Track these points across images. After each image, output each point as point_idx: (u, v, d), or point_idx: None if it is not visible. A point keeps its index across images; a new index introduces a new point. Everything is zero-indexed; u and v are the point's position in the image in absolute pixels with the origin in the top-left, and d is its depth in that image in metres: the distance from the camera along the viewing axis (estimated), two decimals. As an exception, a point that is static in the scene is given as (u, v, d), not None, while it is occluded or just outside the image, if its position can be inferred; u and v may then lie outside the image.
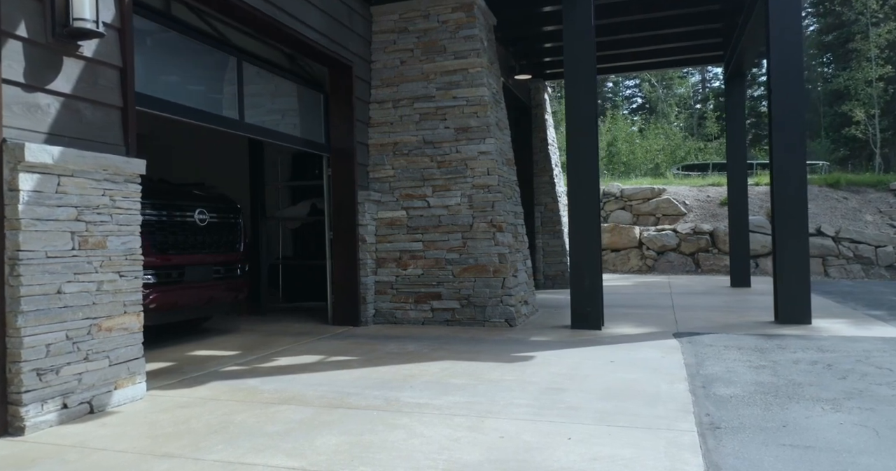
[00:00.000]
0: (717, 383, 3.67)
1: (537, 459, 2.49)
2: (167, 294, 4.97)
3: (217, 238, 5.60)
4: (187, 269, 5.19)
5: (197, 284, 5.29)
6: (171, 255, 5.06)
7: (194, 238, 5.33)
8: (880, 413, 3.00)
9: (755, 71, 42.37)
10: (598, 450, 2.57)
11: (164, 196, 5.25)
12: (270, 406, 3.32)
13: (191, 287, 5.23)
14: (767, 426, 2.85)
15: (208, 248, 5.48)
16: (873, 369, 3.92)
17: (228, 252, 5.71)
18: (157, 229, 4.97)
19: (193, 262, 5.26)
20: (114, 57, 3.53)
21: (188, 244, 5.26)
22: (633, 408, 3.17)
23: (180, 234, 5.19)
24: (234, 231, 5.84)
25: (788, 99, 5.77)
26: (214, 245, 5.56)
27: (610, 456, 2.50)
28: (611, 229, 13.88)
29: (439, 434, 2.81)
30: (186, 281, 5.18)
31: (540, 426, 2.90)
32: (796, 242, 5.76)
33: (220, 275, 5.57)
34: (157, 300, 4.85)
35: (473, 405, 3.27)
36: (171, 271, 5.06)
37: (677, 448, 2.58)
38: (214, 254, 5.52)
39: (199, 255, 5.35)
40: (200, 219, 5.40)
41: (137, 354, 3.50)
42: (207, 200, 5.69)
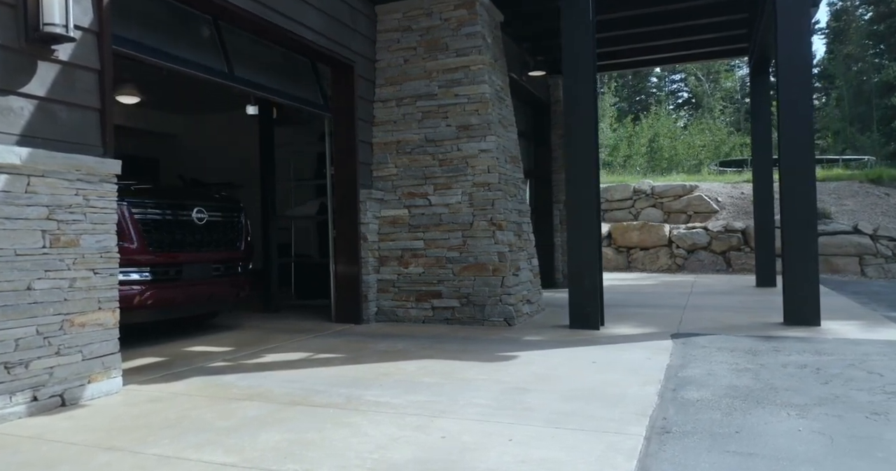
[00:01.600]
0: (691, 386, 3.57)
1: (466, 459, 2.47)
2: (164, 291, 5.09)
3: (216, 236, 5.69)
4: (185, 266, 5.29)
5: (195, 281, 5.39)
6: (167, 253, 5.15)
7: (192, 237, 5.42)
8: (845, 420, 2.87)
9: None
10: (532, 452, 2.54)
11: (161, 196, 5.37)
12: (234, 402, 3.38)
13: (188, 284, 5.33)
14: (719, 432, 2.76)
15: (207, 246, 5.56)
16: (863, 374, 3.75)
17: (228, 250, 5.81)
18: (153, 228, 5.08)
19: (191, 260, 5.35)
20: (91, 60, 3.64)
21: (185, 242, 5.35)
22: (591, 410, 3.11)
23: (177, 232, 5.29)
24: (234, 230, 5.94)
25: (796, 91, 5.56)
26: (213, 243, 5.64)
27: (542, 459, 2.47)
28: (640, 227, 13.63)
29: (383, 433, 2.81)
30: (184, 278, 5.28)
31: (487, 427, 2.87)
32: (804, 241, 5.55)
33: (219, 272, 5.67)
34: (153, 297, 4.98)
35: (432, 404, 3.27)
36: (168, 269, 5.17)
37: (614, 452, 2.52)
38: (213, 252, 5.61)
39: (197, 253, 5.44)
40: (198, 218, 5.50)
41: (113, 349, 3.61)
42: (207, 199, 5.79)
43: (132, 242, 4.89)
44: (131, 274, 4.83)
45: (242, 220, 6.09)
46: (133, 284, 4.84)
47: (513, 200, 6.51)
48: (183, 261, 5.29)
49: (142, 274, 4.93)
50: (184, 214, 5.38)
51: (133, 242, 4.89)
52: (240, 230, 6.02)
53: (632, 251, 13.67)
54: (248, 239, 6.16)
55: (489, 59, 6.42)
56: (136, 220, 4.94)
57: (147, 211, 5.05)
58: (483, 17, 6.46)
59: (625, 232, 13.72)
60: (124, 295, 4.73)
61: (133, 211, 4.94)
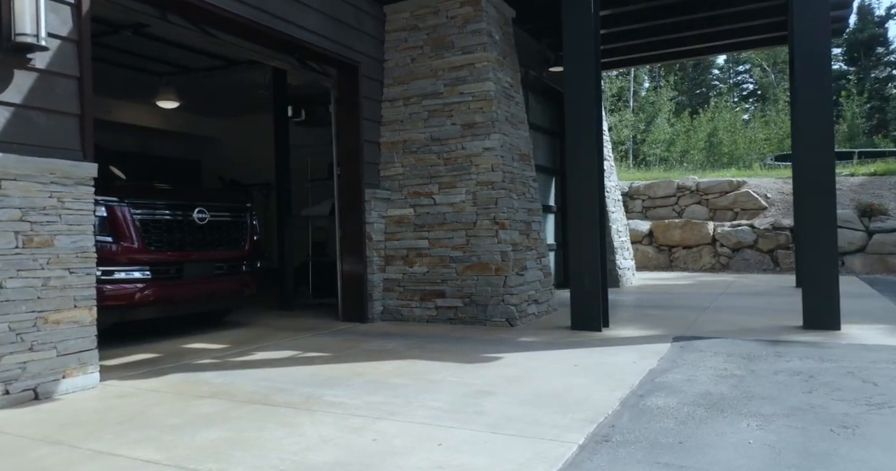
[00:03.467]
0: (662, 392, 3.42)
1: (384, 464, 2.43)
2: (164, 289, 5.23)
3: (218, 236, 5.80)
4: (186, 265, 5.43)
5: (196, 279, 5.53)
6: (167, 252, 5.30)
7: (193, 236, 5.56)
8: (807, 433, 2.68)
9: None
10: (455, 458, 2.48)
11: (162, 197, 5.51)
12: (197, 400, 3.44)
13: (190, 283, 5.46)
14: (662, 442, 2.62)
15: (209, 245, 5.69)
16: (856, 383, 3.50)
17: (232, 249, 5.93)
18: (152, 228, 5.24)
19: (192, 258, 5.49)
20: (70, 67, 3.77)
21: (186, 242, 5.48)
22: (541, 415, 3.02)
23: (178, 232, 5.43)
24: (238, 229, 6.05)
25: (814, 86, 5.25)
26: (216, 242, 5.76)
27: (460, 465, 2.40)
28: (682, 225, 13.20)
29: (318, 434, 2.80)
30: (185, 277, 5.42)
31: (425, 431, 2.83)
32: (823, 241, 5.23)
33: (222, 271, 5.79)
34: (154, 295, 5.13)
35: (385, 406, 3.24)
36: (169, 268, 5.31)
37: (539, 460, 2.43)
38: (216, 251, 5.74)
39: (199, 252, 5.56)
40: (199, 218, 5.61)
41: (90, 345, 3.73)
42: (210, 199, 5.91)
43: (132, 241, 5.05)
44: (131, 272, 5.01)
45: (248, 219, 6.19)
46: (133, 283, 5.03)
47: (520, 199, 6.40)
48: (184, 260, 5.42)
49: (142, 272, 5.08)
50: (184, 214, 5.52)
51: (133, 242, 5.05)
52: (244, 229, 6.12)
53: (674, 250, 13.26)
54: (255, 238, 6.26)
55: (495, 56, 6.33)
56: (136, 220, 5.10)
57: (147, 212, 5.21)
58: (489, 13, 6.38)
59: (666, 230, 13.31)
60: (125, 293, 4.97)
61: (133, 212, 5.11)
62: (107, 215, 4.93)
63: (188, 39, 6.36)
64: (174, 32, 6.08)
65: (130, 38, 6.67)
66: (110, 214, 4.96)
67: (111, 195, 5.02)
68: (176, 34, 6.22)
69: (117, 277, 4.93)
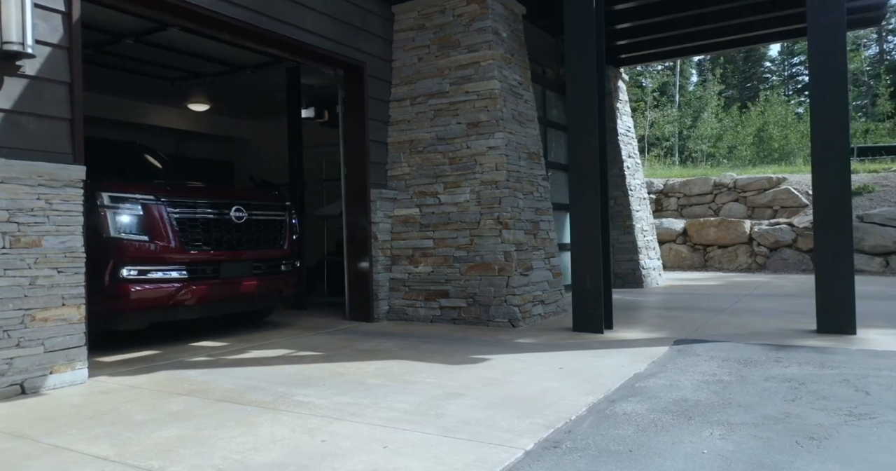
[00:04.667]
0: (636, 397, 3.32)
1: (322, 464, 2.42)
2: (200, 289, 5.13)
3: (257, 235, 5.66)
4: (223, 265, 5.31)
5: (234, 279, 5.41)
6: (204, 251, 5.18)
7: (230, 235, 5.43)
8: (768, 444, 2.56)
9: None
10: (394, 461, 2.45)
11: (199, 195, 5.36)
12: (172, 397, 3.51)
13: (227, 283, 5.34)
14: (612, 450, 2.54)
15: (247, 244, 5.55)
16: (847, 392, 3.33)
17: (271, 248, 5.79)
18: (189, 227, 5.12)
19: (229, 258, 5.37)
20: (61, 74, 3.90)
21: (223, 241, 5.36)
22: (501, 419, 2.96)
23: (215, 231, 5.30)
24: (277, 228, 5.91)
25: (828, 86, 5.04)
26: (254, 242, 5.63)
27: (395, 468, 2.38)
28: (717, 224, 12.81)
29: (271, 434, 2.82)
30: (222, 277, 5.30)
31: (377, 433, 2.81)
32: (837, 242, 5.01)
33: (260, 271, 5.66)
34: (190, 295, 5.05)
35: (351, 407, 3.23)
36: (205, 267, 5.20)
37: (476, 466, 2.38)
38: (254, 250, 5.61)
39: (236, 251, 5.44)
40: (237, 216, 5.48)
41: (78, 342, 3.84)
42: (248, 198, 5.77)
43: (168, 240, 4.95)
44: (167, 272, 4.95)
45: (287, 218, 6.05)
46: (169, 282, 4.96)
47: (527, 198, 6.31)
48: (221, 259, 5.30)
49: (178, 272, 5.00)
50: (221, 213, 5.39)
51: (169, 241, 4.95)
52: (283, 228, 5.97)
53: (708, 249, 12.88)
54: (294, 237, 6.13)
55: (501, 53, 6.25)
56: (173, 218, 5.01)
57: (183, 210, 5.11)
58: (496, 11, 6.31)
59: (701, 229, 12.95)
60: (161, 293, 4.90)
61: (169, 210, 5.01)
62: (143, 214, 4.86)
63: (200, 45, 6.48)
64: (182, 39, 6.24)
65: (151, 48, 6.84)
66: (146, 213, 4.88)
67: (147, 193, 4.95)
68: (183, 42, 6.39)
69: (153, 277, 4.86)
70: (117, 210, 4.75)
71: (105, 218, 4.68)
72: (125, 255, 4.73)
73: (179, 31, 5.64)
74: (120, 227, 4.74)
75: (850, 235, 5.00)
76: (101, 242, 4.58)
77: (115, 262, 4.68)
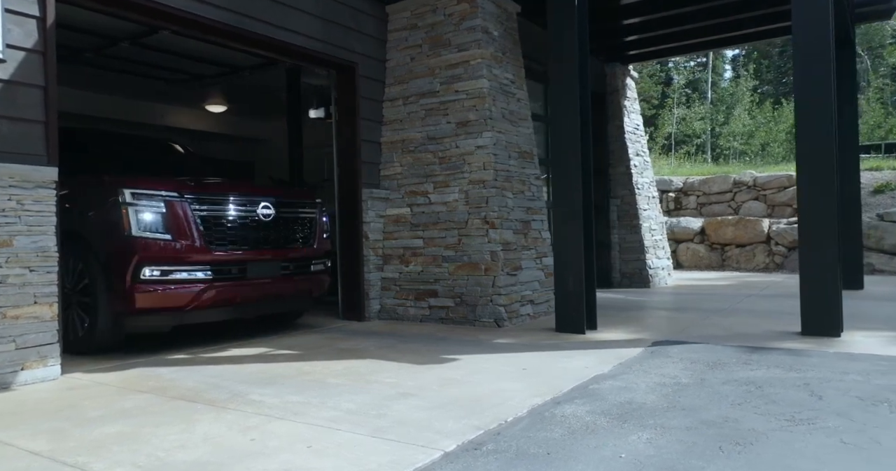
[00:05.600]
0: (583, 399, 3.28)
1: (241, 463, 2.46)
2: (225, 291, 4.93)
3: (285, 233, 5.45)
4: (249, 265, 5.09)
5: (260, 280, 5.18)
6: (230, 250, 4.98)
7: (258, 233, 5.20)
8: (690, 448, 2.51)
9: None
10: (310, 460, 2.48)
11: (225, 191, 5.14)
12: (132, 394, 3.60)
13: (253, 284, 5.13)
14: (530, 452, 2.52)
15: (274, 243, 5.33)
16: (801, 396, 3.24)
17: (300, 247, 5.58)
18: (213, 225, 4.92)
19: (256, 258, 5.15)
20: (36, 77, 4.02)
21: (250, 240, 5.13)
22: (438, 420, 2.97)
23: (241, 229, 5.09)
24: (307, 226, 5.67)
25: (812, 83, 4.91)
26: (282, 240, 5.41)
27: (309, 468, 2.41)
28: (735, 223, 12.54)
29: (205, 432, 2.87)
30: (249, 277, 5.08)
31: (312, 432, 2.84)
32: (821, 240, 4.87)
33: (289, 271, 5.43)
34: (214, 296, 4.84)
35: (298, 406, 3.28)
36: (231, 267, 4.99)
37: (388, 467, 2.40)
38: (282, 249, 5.39)
39: (264, 250, 5.22)
40: (264, 214, 5.23)
41: (50, 339, 3.97)
42: (276, 195, 5.52)
43: (192, 239, 4.75)
44: (191, 272, 4.77)
45: (317, 216, 5.81)
46: (193, 283, 4.76)
47: (518, 198, 6.28)
48: (247, 259, 5.08)
49: (202, 272, 4.81)
50: (248, 210, 5.16)
51: (193, 240, 4.76)
52: (313, 226, 5.73)
53: (726, 248, 12.62)
54: (325, 236, 5.92)
55: (491, 52, 6.23)
56: (196, 216, 4.81)
57: (208, 207, 4.90)
58: (486, 9, 6.29)
59: (718, 228, 12.69)
60: (183, 294, 4.70)
61: (193, 207, 4.81)
62: (165, 211, 4.68)
63: (195, 48, 6.62)
64: (179, 42, 6.38)
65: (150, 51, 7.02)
66: (169, 210, 4.69)
67: (171, 190, 4.77)
68: (179, 45, 6.52)
69: (175, 278, 4.68)
70: (139, 207, 4.61)
71: (126, 216, 4.56)
72: (147, 254, 4.58)
73: (170, 34, 5.76)
74: (142, 225, 4.60)
75: (834, 235, 4.85)
76: (122, 241, 4.54)
77: (137, 262, 4.54)
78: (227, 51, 6.30)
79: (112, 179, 4.76)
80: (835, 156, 4.91)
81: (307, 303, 5.98)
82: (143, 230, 4.60)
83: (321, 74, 6.86)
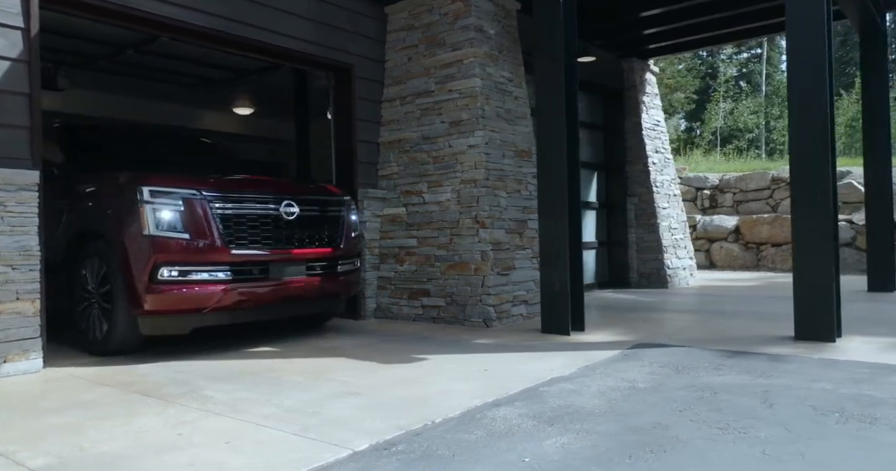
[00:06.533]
0: (523, 402, 3.24)
1: (155, 457, 2.54)
2: (246, 292, 4.75)
3: (310, 232, 5.21)
4: (271, 265, 4.90)
5: (283, 282, 4.97)
6: (251, 250, 4.79)
7: (280, 232, 4.98)
8: (599, 455, 2.45)
9: None
10: (220, 456, 2.54)
11: (244, 188, 4.96)
12: (97, 387, 3.73)
13: (275, 285, 4.92)
14: (437, 454, 2.51)
15: (298, 242, 5.11)
16: (751, 404, 3.12)
17: (326, 247, 5.32)
18: (233, 223, 4.71)
19: (279, 258, 4.94)
20: (21, 85, 4.23)
21: (272, 239, 4.93)
22: (366, 420, 2.99)
23: (262, 228, 4.88)
24: (333, 225, 5.42)
25: (807, 70, 4.70)
26: (307, 240, 5.18)
27: (217, 463, 2.46)
28: (771, 221, 12.10)
29: (141, 426, 2.96)
30: (271, 279, 4.88)
31: (239, 428, 2.90)
32: (816, 237, 4.67)
33: (314, 272, 5.22)
34: (234, 298, 4.67)
35: (242, 403, 3.34)
36: (252, 268, 4.80)
37: (291, 464, 2.43)
38: (307, 249, 5.16)
39: (287, 250, 5.01)
40: (287, 212, 5.01)
41: (32, 334, 4.16)
42: (301, 191, 5.34)
43: (211, 238, 4.58)
44: (212, 273, 4.59)
45: (344, 214, 5.56)
46: (211, 284, 4.59)
47: (513, 197, 6.23)
48: (269, 259, 4.89)
49: (222, 273, 4.63)
50: (271, 208, 4.96)
51: (212, 239, 4.58)
52: (340, 225, 5.48)
53: (762, 248, 12.19)
54: (354, 235, 5.67)
55: (484, 51, 6.19)
56: (216, 214, 4.62)
57: (228, 205, 4.72)
58: (481, 7, 6.25)
59: (753, 226, 12.27)
60: (202, 295, 4.54)
61: (213, 205, 4.63)
62: (183, 209, 4.52)
63: (201, 53, 6.81)
64: (184, 48, 6.57)
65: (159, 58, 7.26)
66: (187, 208, 4.53)
67: (190, 187, 4.61)
68: (185, 50, 6.72)
69: (193, 278, 4.52)
70: (157, 206, 4.46)
71: (144, 214, 4.42)
72: (165, 254, 4.43)
73: (169, 40, 5.95)
74: (160, 223, 4.44)
75: (830, 235, 4.64)
76: (139, 241, 4.41)
77: (155, 262, 4.40)
78: (233, 55, 6.46)
79: (129, 176, 4.64)
80: (831, 154, 4.69)
81: (337, 305, 5.74)
82: (161, 229, 4.45)
83: (321, 76, 6.94)
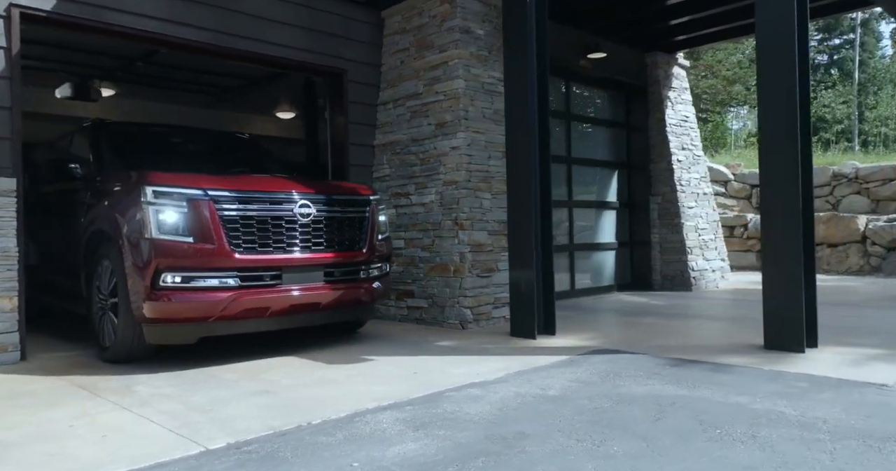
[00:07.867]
0: (413, 407, 3.25)
1: (24, 446, 2.74)
2: (256, 299, 4.40)
3: (329, 235, 4.84)
4: (284, 271, 4.57)
5: (298, 288, 4.61)
6: (262, 254, 4.46)
7: (294, 235, 4.63)
8: (435, 462, 2.45)
9: None
10: (82, 449, 2.71)
11: (255, 188, 4.64)
12: (44, 380, 3.96)
13: (289, 292, 4.57)
14: (280, 456, 2.58)
15: (315, 246, 4.75)
16: (642, 416, 3.00)
17: (348, 251, 4.95)
18: (241, 226, 4.40)
19: (293, 263, 4.61)
20: (2, 100, 4.61)
21: (286, 242, 4.59)
22: (251, 419, 3.09)
23: (275, 230, 4.54)
24: (356, 227, 5.04)
25: (777, 64, 4.42)
26: (326, 243, 4.81)
27: (77, 455, 2.63)
28: (826, 220, 11.33)
29: (49, 417, 3.18)
30: (284, 285, 4.56)
31: (126, 423, 3.07)
32: (786, 240, 4.39)
33: (333, 278, 4.86)
34: (243, 306, 4.33)
35: (156, 399, 3.50)
36: (263, 273, 4.47)
37: (139, 459, 2.57)
38: (325, 253, 4.79)
39: (302, 255, 4.66)
40: (303, 213, 4.68)
41: (9, 329, 4.52)
42: (319, 190, 4.95)
43: (218, 242, 4.26)
44: (219, 279, 4.30)
45: (370, 214, 5.15)
46: (218, 291, 4.28)
47: (498, 198, 6.16)
48: (282, 264, 4.55)
49: (232, 279, 4.32)
50: (285, 209, 4.62)
51: (219, 243, 4.26)
52: (364, 227, 5.08)
53: (816, 249, 11.41)
54: (380, 238, 5.26)
55: (471, 52, 6.16)
56: (224, 216, 4.32)
57: (237, 206, 4.41)
58: (468, 8, 6.23)
59: (807, 226, 11.51)
60: (208, 303, 4.23)
61: (220, 206, 4.32)
62: (188, 211, 4.22)
63: (211, 64, 7.15)
64: (192, 58, 6.91)
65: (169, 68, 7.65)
66: (192, 210, 4.23)
67: (194, 187, 4.32)
68: (194, 61, 7.06)
69: (199, 285, 4.23)
70: (161, 207, 4.19)
71: (147, 216, 4.15)
72: (169, 259, 4.15)
73: (170, 52, 6.28)
74: (163, 226, 4.16)
75: (799, 241, 4.34)
76: (142, 244, 4.15)
77: (157, 267, 4.12)
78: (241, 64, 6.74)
79: (133, 175, 4.47)
80: (799, 151, 4.39)
81: (363, 313, 5.37)
82: (164, 232, 4.16)
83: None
